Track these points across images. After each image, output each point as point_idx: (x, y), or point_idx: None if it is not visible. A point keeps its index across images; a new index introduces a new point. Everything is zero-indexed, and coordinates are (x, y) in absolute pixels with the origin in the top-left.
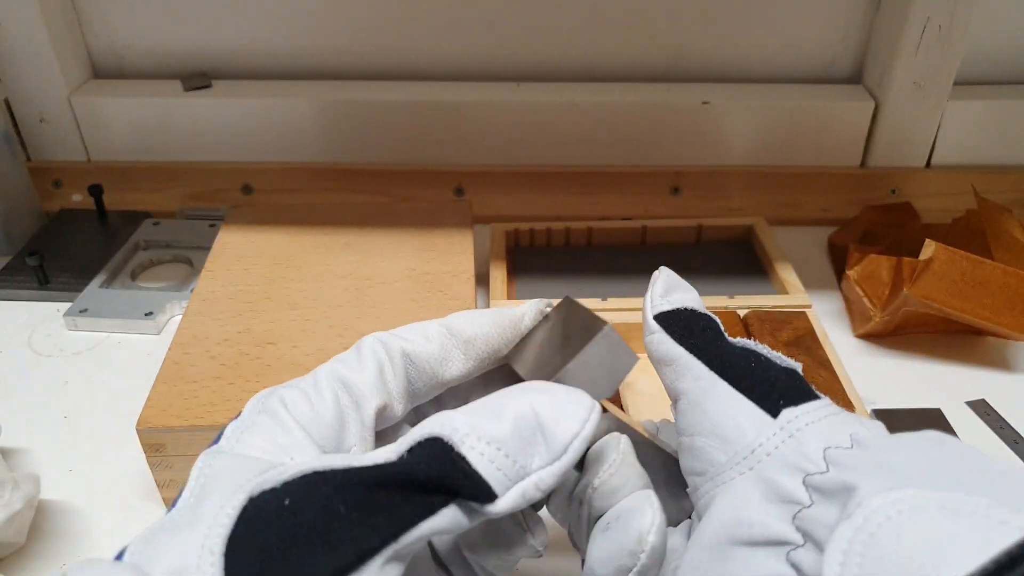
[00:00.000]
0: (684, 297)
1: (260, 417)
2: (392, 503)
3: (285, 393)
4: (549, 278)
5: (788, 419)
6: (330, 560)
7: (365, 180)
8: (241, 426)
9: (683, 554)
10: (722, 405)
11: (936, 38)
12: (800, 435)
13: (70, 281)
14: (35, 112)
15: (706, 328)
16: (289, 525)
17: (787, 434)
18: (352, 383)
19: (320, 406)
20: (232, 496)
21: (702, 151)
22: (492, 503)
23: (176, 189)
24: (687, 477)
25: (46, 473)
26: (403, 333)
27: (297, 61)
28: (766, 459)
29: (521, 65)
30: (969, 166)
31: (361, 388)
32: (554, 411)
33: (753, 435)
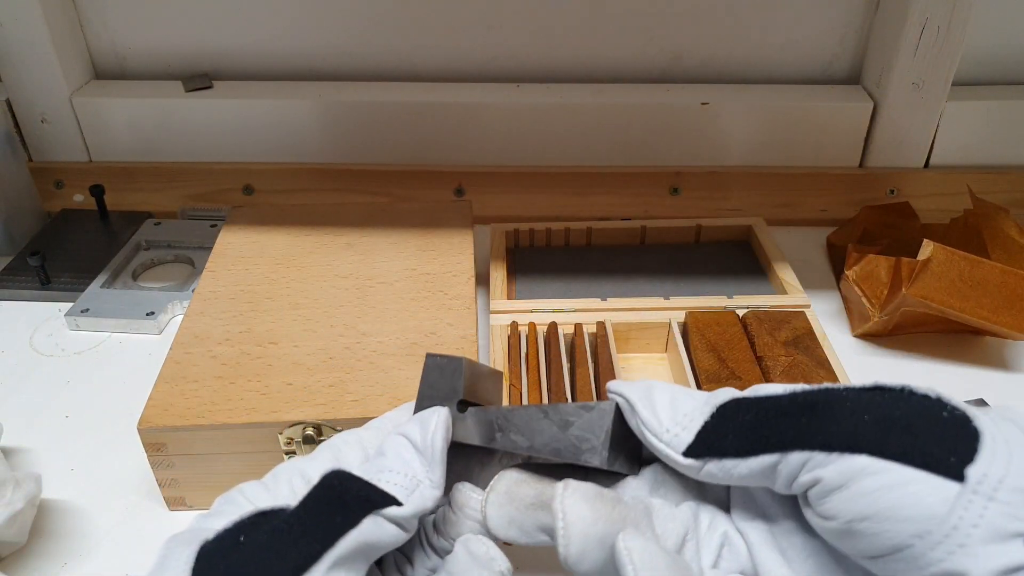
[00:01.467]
0: (680, 402)
1: (222, 505)
2: (325, 519)
3: (245, 486)
4: (549, 278)
5: (978, 480)
6: (283, 566)
7: (366, 180)
8: (207, 515)
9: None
10: (883, 482)
11: (935, 39)
12: (999, 495)
13: (71, 281)
14: (37, 113)
15: (762, 409)
16: (245, 552)
17: (986, 498)
18: (308, 472)
19: (275, 490)
20: (186, 548)
21: (701, 151)
22: (400, 508)
23: (177, 189)
24: (856, 559)
25: (47, 472)
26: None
27: (298, 62)
28: (975, 532)
29: (521, 66)
30: (968, 166)
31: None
32: (418, 430)
33: (945, 511)
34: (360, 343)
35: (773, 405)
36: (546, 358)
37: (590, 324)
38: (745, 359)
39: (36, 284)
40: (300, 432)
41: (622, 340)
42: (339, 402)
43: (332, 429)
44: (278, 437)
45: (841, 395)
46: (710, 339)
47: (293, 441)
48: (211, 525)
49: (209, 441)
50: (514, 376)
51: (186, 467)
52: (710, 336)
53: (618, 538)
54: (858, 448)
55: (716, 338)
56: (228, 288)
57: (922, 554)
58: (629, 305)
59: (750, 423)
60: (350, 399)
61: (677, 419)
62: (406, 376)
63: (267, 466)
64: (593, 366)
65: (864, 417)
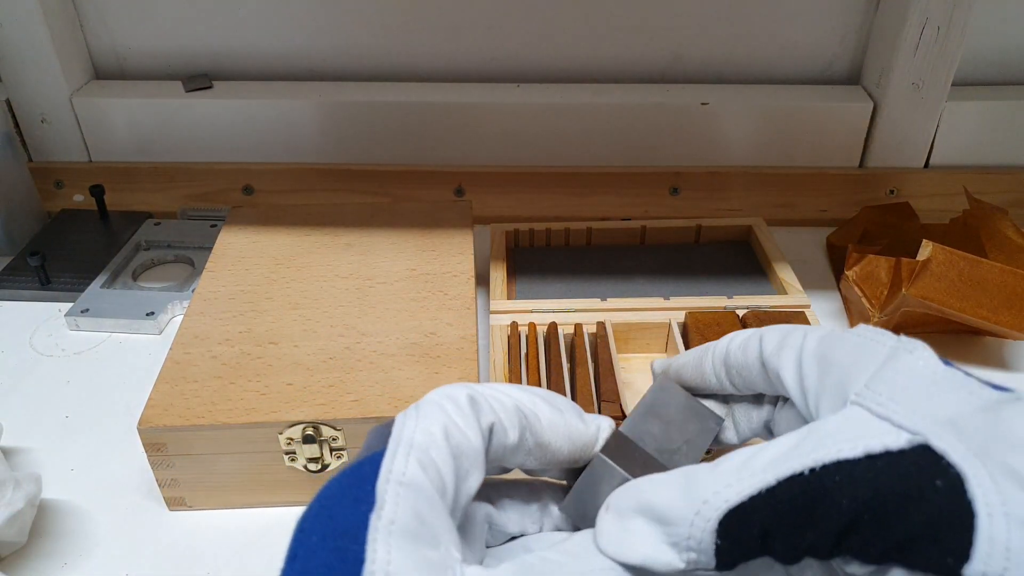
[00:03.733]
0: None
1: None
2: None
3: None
4: (549, 278)
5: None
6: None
7: (366, 180)
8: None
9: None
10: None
11: (934, 39)
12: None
13: (71, 281)
14: (37, 113)
15: (762, 516)
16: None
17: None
18: (464, 450)
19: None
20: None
21: (701, 152)
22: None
23: (177, 189)
24: None
25: (48, 473)
26: (493, 402)
27: (298, 62)
28: None
29: (521, 66)
30: (967, 166)
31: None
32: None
33: None
34: (360, 343)
35: (771, 510)
36: (546, 358)
37: (590, 324)
38: None
39: (36, 284)
40: (300, 432)
41: (622, 340)
42: (339, 402)
43: (332, 429)
44: (278, 437)
45: (832, 486)
46: (710, 340)
47: (293, 441)
48: None
49: (209, 441)
50: (514, 376)
51: (186, 467)
52: (710, 336)
53: None
54: (888, 559)
55: (716, 339)
56: (228, 288)
57: None
58: (629, 305)
59: (759, 535)
60: (350, 399)
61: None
62: (406, 376)
63: (267, 466)
64: (593, 366)
65: (864, 517)
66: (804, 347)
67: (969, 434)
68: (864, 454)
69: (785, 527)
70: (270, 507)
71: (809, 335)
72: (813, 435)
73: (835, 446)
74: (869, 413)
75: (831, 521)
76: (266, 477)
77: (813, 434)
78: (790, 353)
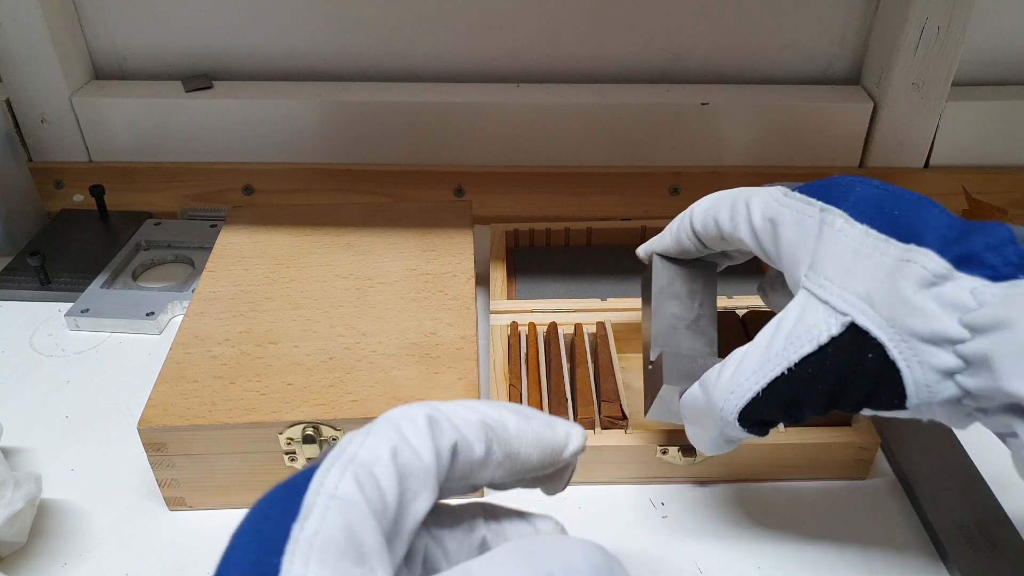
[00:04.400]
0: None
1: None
2: None
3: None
4: (549, 278)
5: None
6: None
7: (366, 180)
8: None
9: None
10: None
11: (935, 39)
12: None
13: (71, 281)
14: (37, 113)
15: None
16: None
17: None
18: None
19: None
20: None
21: (701, 152)
22: None
23: (177, 189)
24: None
25: (47, 473)
26: (455, 419)
27: (298, 62)
28: None
29: (521, 66)
30: (967, 167)
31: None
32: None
33: None
34: (360, 343)
35: (770, 403)
36: (546, 358)
37: (590, 324)
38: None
39: (36, 284)
40: (300, 432)
41: (622, 340)
42: (339, 402)
43: (332, 429)
44: (278, 437)
45: (807, 377)
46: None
47: (293, 441)
48: None
49: (209, 441)
50: (514, 376)
51: (186, 467)
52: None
53: None
54: (860, 408)
55: (730, 333)
56: (228, 288)
57: None
58: (629, 305)
59: (767, 419)
60: (350, 399)
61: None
62: (406, 376)
63: (267, 466)
64: (593, 366)
65: (836, 392)
66: (752, 221)
67: (880, 306)
68: (818, 346)
69: (784, 410)
70: None
71: (752, 207)
72: (780, 332)
73: (799, 344)
74: (815, 298)
75: (816, 401)
76: (266, 477)
77: (780, 331)
78: (744, 227)
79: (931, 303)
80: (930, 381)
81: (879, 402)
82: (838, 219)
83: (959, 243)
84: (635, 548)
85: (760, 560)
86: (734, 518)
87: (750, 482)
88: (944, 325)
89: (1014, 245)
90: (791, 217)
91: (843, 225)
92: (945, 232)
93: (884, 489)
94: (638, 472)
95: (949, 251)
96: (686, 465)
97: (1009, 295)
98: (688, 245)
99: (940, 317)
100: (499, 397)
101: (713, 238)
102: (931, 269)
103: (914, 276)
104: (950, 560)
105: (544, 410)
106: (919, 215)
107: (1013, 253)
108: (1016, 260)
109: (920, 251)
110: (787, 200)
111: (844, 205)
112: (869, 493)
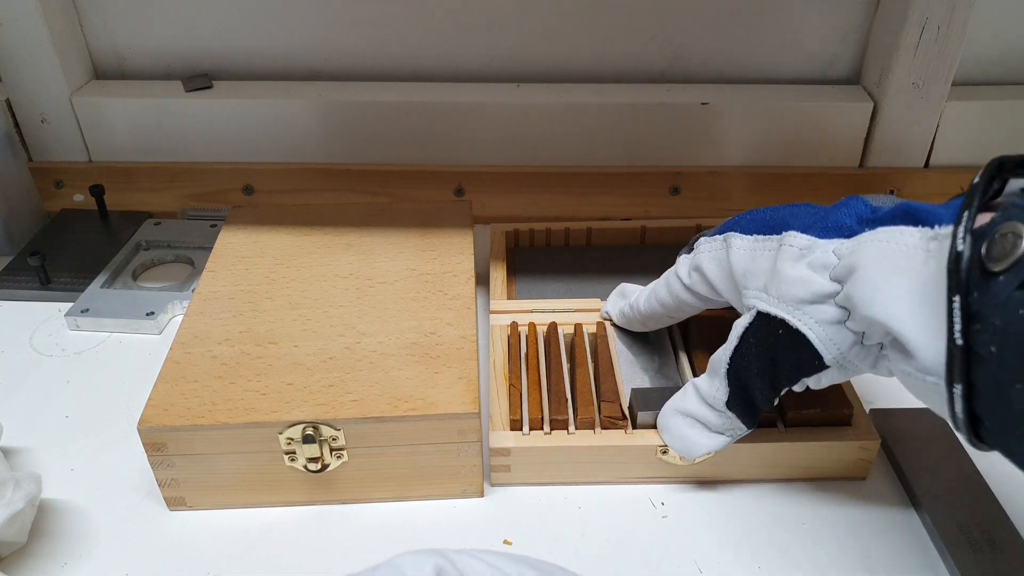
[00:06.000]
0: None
1: None
2: None
3: None
4: (549, 278)
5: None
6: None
7: (366, 180)
8: None
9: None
10: None
11: (935, 39)
12: None
13: (71, 281)
14: (37, 113)
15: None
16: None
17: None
18: None
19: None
20: None
21: (701, 152)
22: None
23: (177, 189)
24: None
25: (48, 473)
26: (467, 573)
27: (298, 62)
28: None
29: (521, 66)
30: (968, 166)
31: None
32: None
33: None
34: (360, 343)
35: (737, 387)
36: (546, 358)
37: (590, 324)
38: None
39: (36, 284)
40: (300, 432)
41: None
42: (339, 402)
43: (332, 429)
44: (278, 437)
45: (749, 358)
46: (711, 340)
47: (293, 441)
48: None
49: (209, 441)
50: (514, 376)
51: (186, 467)
52: (711, 337)
53: None
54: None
55: (718, 339)
56: (228, 288)
57: None
58: None
59: (750, 399)
60: (350, 399)
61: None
62: (406, 376)
63: (267, 466)
64: (593, 366)
65: (772, 368)
66: (684, 282)
67: (772, 289)
68: (739, 339)
69: (740, 395)
70: (270, 507)
71: (680, 271)
72: (732, 334)
73: (732, 340)
74: (744, 306)
75: (758, 381)
76: (266, 477)
77: (732, 334)
78: (680, 290)
79: (805, 270)
80: (831, 335)
81: (806, 367)
82: (734, 239)
83: (821, 220)
84: (635, 548)
85: (760, 560)
86: (734, 518)
87: (750, 482)
88: (818, 285)
89: (866, 206)
90: (707, 257)
91: (738, 242)
92: (808, 216)
93: (884, 489)
94: (638, 472)
95: (812, 228)
96: (686, 465)
97: (858, 243)
98: (656, 306)
99: (813, 279)
100: (499, 397)
101: (659, 316)
102: (797, 244)
103: (788, 255)
104: (950, 560)
105: (544, 410)
106: (789, 212)
107: (865, 210)
108: (867, 215)
109: (788, 235)
110: (700, 247)
111: (736, 228)
112: (869, 493)
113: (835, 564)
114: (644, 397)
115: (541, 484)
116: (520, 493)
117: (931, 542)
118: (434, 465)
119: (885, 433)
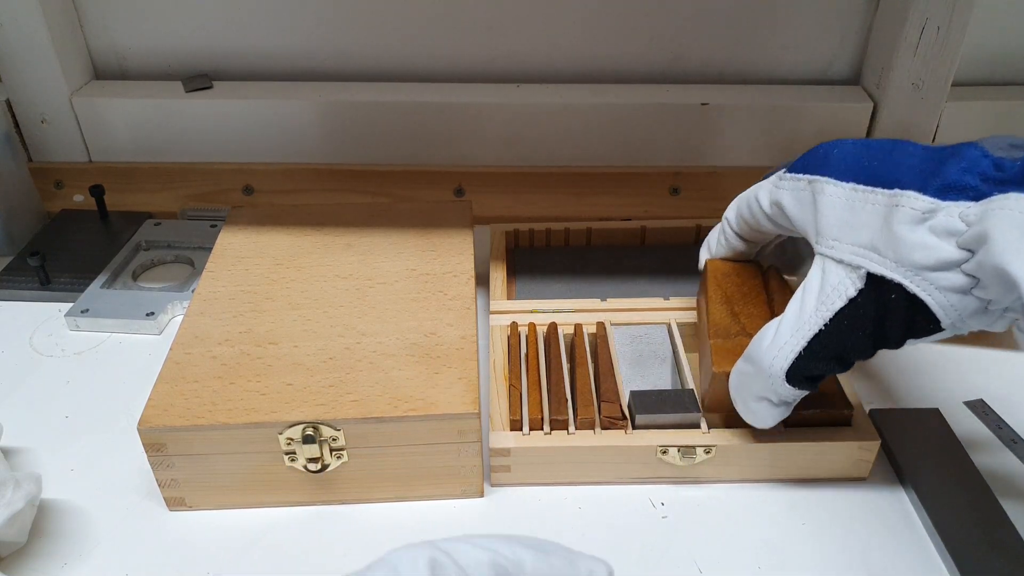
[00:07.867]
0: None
1: None
2: None
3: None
4: (549, 278)
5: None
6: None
7: (366, 181)
8: None
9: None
10: None
11: (934, 39)
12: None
13: (71, 281)
14: (37, 113)
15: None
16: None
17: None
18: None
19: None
20: None
21: (701, 152)
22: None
23: (177, 190)
24: None
25: (47, 473)
26: (462, 561)
27: (298, 62)
28: None
29: (521, 66)
30: None
31: None
32: None
33: None
34: (360, 343)
35: (813, 357)
36: (546, 358)
37: (590, 324)
38: (759, 314)
39: (36, 284)
40: (300, 432)
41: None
42: (339, 402)
43: (332, 429)
44: (278, 437)
45: (844, 328)
46: (726, 290)
47: (293, 441)
48: None
49: (209, 441)
50: (514, 376)
51: (186, 467)
52: (727, 286)
53: None
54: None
55: (733, 290)
56: (228, 288)
57: None
58: (629, 305)
59: (815, 375)
60: (350, 399)
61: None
62: (406, 376)
63: (267, 466)
64: (593, 366)
65: (877, 335)
66: (765, 210)
67: (885, 251)
68: (848, 300)
69: (831, 361)
70: (270, 507)
71: (761, 198)
72: (808, 297)
73: (829, 302)
74: (830, 260)
75: (861, 345)
76: (266, 477)
77: (808, 296)
78: (761, 217)
79: (928, 236)
80: (953, 302)
81: (919, 330)
82: (826, 185)
83: (936, 175)
84: (635, 548)
85: (760, 560)
86: (734, 518)
87: (750, 482)
88: (945, 252)
89: (987, 159)
90: (789, 196)
91: (832, 189)
92: (921, 168)
93: (884, 489)
94: (638, 472)
95: (929, 186)
96: (686, 465)
97: (987, 210)
98: (738, 246)
99: (939, 246)
100: (499, 397)
101: (751, 231)
102: (919, 207)
103: (906, 218)
104: (950, 560)
105: (544, 410)
106: (894, 160)
107: (988, 166)
108: (992, 173)
109: (904, 194)
110: (782, 183)
111: (827, 171)
112: (869, 493)
113: (835, 564)
114: (642, 400)
115: (541, 484)
116: (520, 493)
117: (931, 542)
118: (434, 465)
119: (885, 433)
